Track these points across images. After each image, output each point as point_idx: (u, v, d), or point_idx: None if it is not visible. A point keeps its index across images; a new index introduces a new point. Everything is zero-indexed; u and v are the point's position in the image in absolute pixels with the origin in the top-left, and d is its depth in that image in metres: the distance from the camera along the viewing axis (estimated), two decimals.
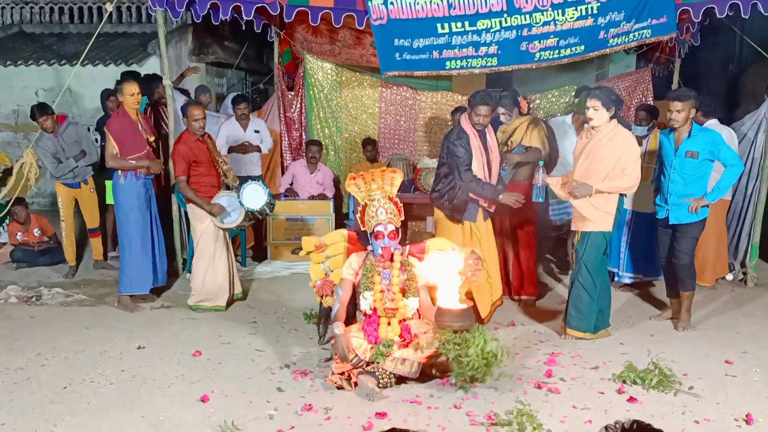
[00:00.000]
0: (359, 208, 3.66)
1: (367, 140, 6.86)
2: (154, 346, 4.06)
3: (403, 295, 3.59)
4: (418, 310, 3.72)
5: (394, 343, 3.45)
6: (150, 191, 5.00)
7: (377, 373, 3.31)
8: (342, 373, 3.39)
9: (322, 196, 6.56)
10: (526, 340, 4.21)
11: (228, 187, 4.83)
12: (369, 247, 3.66)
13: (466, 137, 4.33)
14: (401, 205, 3.65)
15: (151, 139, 5.03)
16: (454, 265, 3.49)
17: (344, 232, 3.79)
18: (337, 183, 7.06)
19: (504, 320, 4.66)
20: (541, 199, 4.23)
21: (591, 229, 4.07)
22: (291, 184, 6.76)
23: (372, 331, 3.52)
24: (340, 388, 3.36)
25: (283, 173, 7.00)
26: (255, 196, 4.61)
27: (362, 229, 3.66)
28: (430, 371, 3.42)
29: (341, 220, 6.90)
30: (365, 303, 3.58)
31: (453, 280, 3.49)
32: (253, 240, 6.75)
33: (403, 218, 3.64)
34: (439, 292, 3.52)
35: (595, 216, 4.04)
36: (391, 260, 3.61)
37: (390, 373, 3.32)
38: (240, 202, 4.63)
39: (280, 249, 6.41)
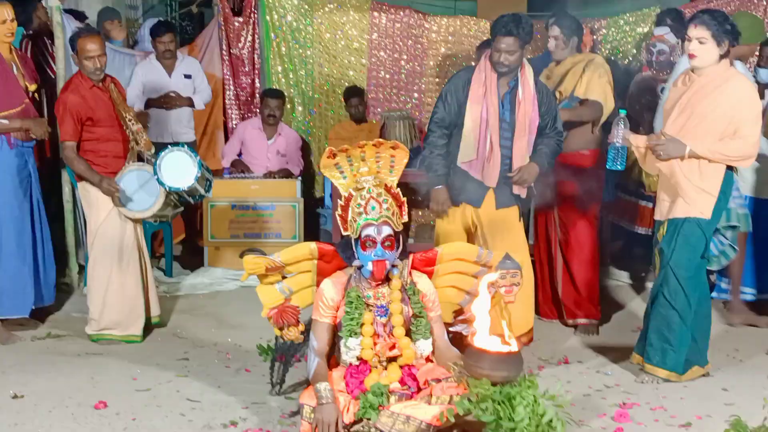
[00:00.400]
0: (341, 202, 3.58)
1: (352, 90, 6.87)
2: (38, 395, 4.02)
3: (409, 337, 3.55)
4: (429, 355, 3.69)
5: (392, 392, 3.43)
6: (30, 165, 4.96)
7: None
8: None
9: (284, 173, 6.57)
10: (584, 384, 4.21)
11: (141, 159, 4.79)
12: (354, 265, 3.58)
13: (464, 81, 4.47)
14: (404, 199, 3.58)
15: (32, 87, 4.99)
16: (487, 282, 3.46)
17: (312, 246, 3.70)
18: (306, 153, 7.07)
19: (553, 355, 4.64)
20: (619, 167, 4.22)
21: (682, 215, 4.03)
22: (239, 154, 6.77)
23: (357, 383, 3.50)
24: None
25: (227, 139, 6.99)
26: (180, 170, 4.52)
27: (344, 233, 3.60)
28: None
29: (313, 208, 6.92)
30: (349, 354, 3.53)
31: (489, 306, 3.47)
32: (183, 235, 6.77)
33: (406, 219, 3.59)
34: (475, 324, 3.48)
35: (689, 194, 4.01)
36: (386, 283, 3.56)
37: None
38: (157, 179, 4.54)
39: (222, 251, 6.42)
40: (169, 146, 4.65)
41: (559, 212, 5.11)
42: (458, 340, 3.74)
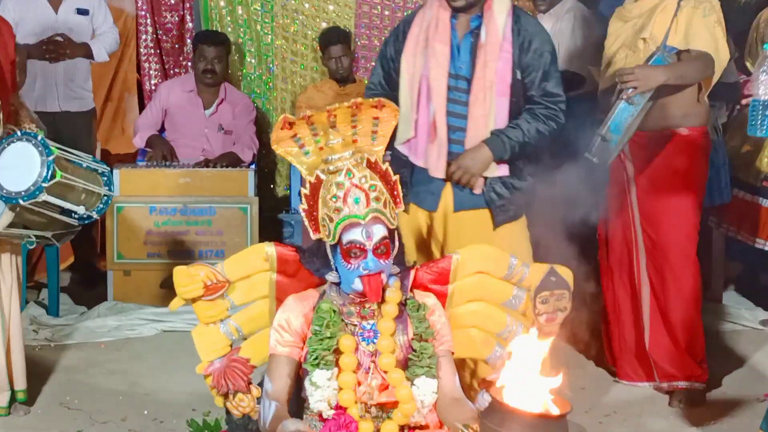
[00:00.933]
0: (305, 191, 3.57)
1: (333, 34, 6.92)
2: None
3: (407, 373, 3.55)
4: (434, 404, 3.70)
5: None
6: None
7: None
8: None
9: (230, 159, 6.67)
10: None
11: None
12: (329, 277, 3.60)
13: (404, 24, 4.65)
14: (396, 176, 3.60)
15: None
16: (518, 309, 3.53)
17: (268, 249, 3.73)
18: (263, 129, 7.18)
19: (636, 429, 4.76)
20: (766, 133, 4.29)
21: None
22: (161, 130, 6.88)
23: None
24: None
25: (142, 107, 7.11)
26: (20, 169, 4.51)
27: (313, 236, 3.62)
28: None
29: (274, 215, 6.93)
30: (317, 395, 3.49)
31: (528, 346, 3.49)
32: (71, 258, 6.88)
33: (402, 208, 3.63)
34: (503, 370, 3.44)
35: None
36: (380, 303, 3.62)
37: None
38: None
39: (134, 278, 6.50)
40: (18, 132, 4.63)
41: (643, 222, 5.16)
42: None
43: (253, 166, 6.68)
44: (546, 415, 3.31)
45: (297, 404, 3.70)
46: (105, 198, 4.79)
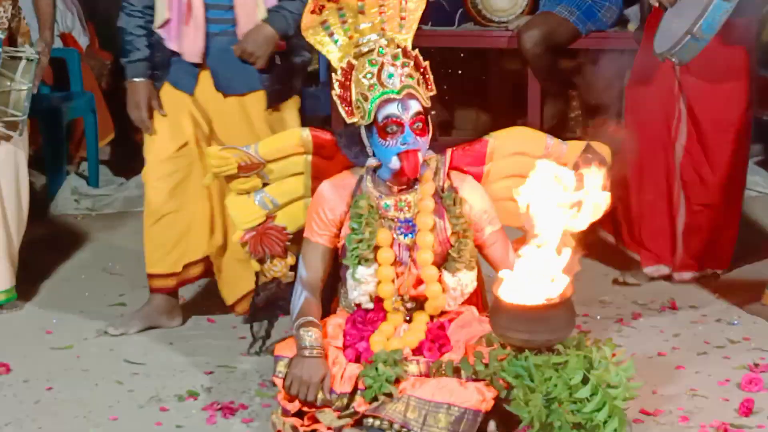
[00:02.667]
0: (337, 77, 3.55)
1: None
2: None
3: (444, 267, 3.58)
4: (477, 291, 3.72)
5: (409, 359, 3.44)
6: None
7: (385, 431, 3.33)
8: (298, 415, 3.44)
9: None
10: (700, 339, 4.26)
11: None
12: (368, 165, 3.57)
13: None
14: (426, 63, 3.54)
15: None
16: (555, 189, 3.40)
17: (303, 133, 3.71)
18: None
19: (654, 297, 4.71)
20: None
21: None
22: None
23: (358, 339, 3.52)
24: None
25: None
26: None
27: (348, 119, 3.56)
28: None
29: (304, 87, 6.83)
30: (358, 290, 3.55)
31: (552, 227, 3.43)
32: (112, 135, 6.97)
33: (434, 92, 3.56)
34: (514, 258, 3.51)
35: None
36: (413, 188, 3.56)
37: None
38: None
39: None
40: None
41: (691, 102, 4.74)
42: None
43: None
44: (546, 306, 3.35)
45: (334, 283, 3.76)
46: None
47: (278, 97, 4.29)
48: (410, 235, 3.57)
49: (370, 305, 3.59)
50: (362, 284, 3.55)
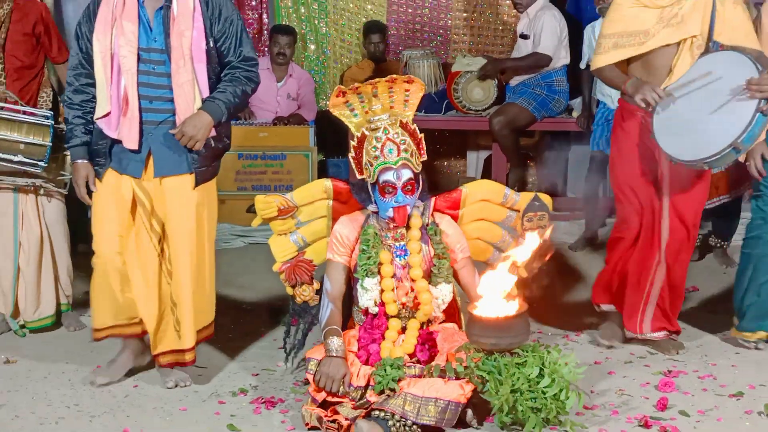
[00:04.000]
0: (353, 143, 3.61)
1: (373, 26, 6.85)
2: (31, 360, 4.13)
3: (429, 281, 3.60)
4: (453, 302, 3.74)
5: (408, 364, 3.44)
6: None
7: (389, 421, 3.30)
8: (323, 406, 3.42)
9: (296, 119, 6.57)
10: (626, 351, 4.23)
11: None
12: (370, 207, 3.65)
13: (94, 4, 3.73)
14: (422, 135, 3.60)
15: None
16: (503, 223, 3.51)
17: (327, 183, 3.75)
18: (320, 96, 7.07)
19: (594, 318, 4.67)
20: None
21: None
22: None
23: (369, 341, 3.54)
24: (314, 428, 3.41)
25: None
26: None
27: (359, 177, 3.63)
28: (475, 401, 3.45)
29: (329, 157, 6.95)
30: (366, 296, 3.58)
31: (513, 255, 3.52)
32: None
33: (425, 158, 3.60)
34: (483, 278, 3.56)
35: None
36: (407, 226, 3.61)
37: (411, 423, 3.32)
38: None
39: (228, 205, 6.39)
40: None
41: (672, 194, 4.07)
42: None
43: (312, 124, 6.60)
44: (492, 318, 3.39)
45: (349, 306, 3.76)
46: (49, 147, 4.18)
47: (204, 178, 3.77)
48: (404, 257, 3.61)
49: (375, 309, 3.61)
50: (369, 291, 3.58)
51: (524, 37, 6.16)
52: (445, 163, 7.11)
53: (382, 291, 3.58)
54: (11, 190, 4.37)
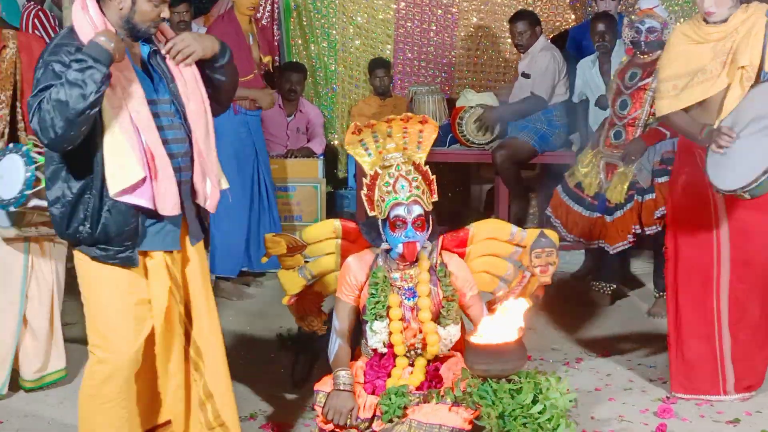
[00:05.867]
0: (366, 181, 3.58)
1: (378, 62, 6.87)
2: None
3: (438, 322, 3.56)
4: (461, 340, 3.68)
5: (412, 393, 3.43)
6: (254, 133, 5.62)
7: None
8: None
9: (305, 152, 6.60)
10: (625, 377, 4.23)
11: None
12: (380, 247, 3.58)
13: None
14: (433, 177, 3.58)
15: (266, 59, 5.54)
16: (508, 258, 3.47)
17: (336, 223, 3.73)
18: (328, 131, 7.12)
19: (593, 345, 4.67)
20: None
21: None
22: None
23: (375, 377, 3.52)
24: None
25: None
26: (10, 178, 3.66)
27: (370, 213, 3.58)
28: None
29: (337, 189, 6.96)
30: (375, 338, 3.54)
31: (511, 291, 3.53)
32: None
33: (436, 198, 3.57)
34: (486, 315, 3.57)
35: None
36: (415, 264, 3.55)
37: None
38: None
39: None
40: (9, 145, 3.77)
41: (733, 237, 3.83)
42: None
43: (321, 157, 6.61)
44: (488, 345, 3.36)
45: (356, 336, 3.71)
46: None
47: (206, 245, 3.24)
48: (413, 299, 3.55)
49: (384, 350, 3.56)
50: (377, 334, 3.52)
51: (525, 76, 6.19)
52: (449, 194, 7.12)
53: (390, 333, 3.53)
54: (22, 240, 3.98)
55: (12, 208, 3.65)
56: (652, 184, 4.94)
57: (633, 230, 4.95)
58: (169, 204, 2.93)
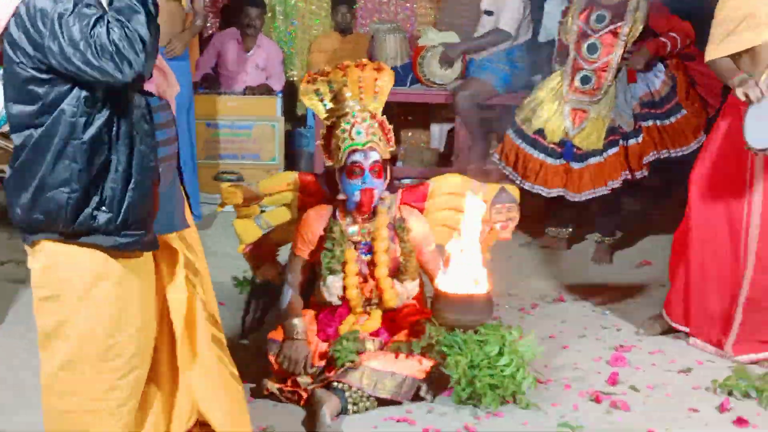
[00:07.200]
0: (323, 131, 3.54)
1: None
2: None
3: (395, 278, 3.51)
4: (420, 293, 3.69)
5: (366, 338, 3.42)
6: None
7: (346, 392, 3.27)
8: (284, 381, 3.38)
9: (263, 89, 6.44)
10: (579, 325, 4.20)
11: None
12: (339, 198, 3.50)
13: None
14: (390, 126, 3.52)
15: None
16: (474, 212, 3.42)
17: (293, 176, 3.69)
18: (287, 66, 6.94)
19: (549, 291, 4.65)
20: None
21: None
22: (214, 68, 6.60)
23: (327, 325, 3.50)
24: (275, 398, 3.37)
25: (201, 51, 6.82)
26: None
27: (327, 163, 3.53)
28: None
29: (296, 128, 6.81)
30: (328, 293, 3.50)
31: (470, 237, 3.46)
32: None
33: (393, 147, 3.53)
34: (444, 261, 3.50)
35: None
36: (372, 215, 3.50)
37: (368, 395, 3.28)
38: None
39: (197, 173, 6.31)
40: None
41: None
42: None
43: (280, 94, 6.45)
44: (457, 295, 3.36)
45: (309, 288, 3.68)
46: None
47: None
48: (369, 255, 3.51)
49: (339, 302, 3.53)
50: (330, 288, 3.49)
51: (488, 13, 6.03)
52: (410, 134, 7.00)
53: (345, 288, 3.49)
54: None
55: None
56: (636, 127, 4.83)
57: (622, 176, 4.83)
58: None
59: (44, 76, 2.29)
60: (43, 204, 2.35)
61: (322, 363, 3.38)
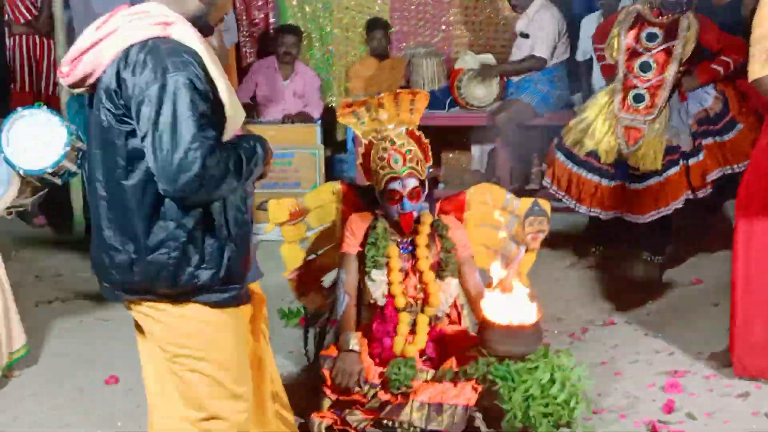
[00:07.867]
0: (361, 150, 3.57)
1: (376, 22, 6.71)
2: (45, 366, 4.06)
3: (436, 275, 3.53)
4: (455, 305, 3.67)
5: (420, 368, 3.38)
6: None
7: (397, 429, 3.22)
8: (335, 406, 3.35)
9: (303, 117, 6.43)
10: (631, 349, 4.10)
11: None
12: (379, 212, 3.60)
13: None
14: (427, 141, 3.53)
15: None
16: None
17: (336, 186, 3.73)
18: (325, 92, 6.97)
19: (598, 315, 4.56)
20: None
21: None
22: (252, 97, 6.63)
23: (383, 334, 3.49)
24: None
25: (240, 80, 6.87)
26: (39, 141, 3.45)
27: (366, 182, 3.60)
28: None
29: (335, 154, 6.81)
30: (374, 288, 3.50)
31: (512, 261, 3.44)
32: None
33: (431, 164, 3.56)
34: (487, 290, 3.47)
35: None
36: (415, 224, 3.55)
37: (420, 430, 3.22)
38: (5, 158, 3.49)
39: None
40: (18, 109, 3.55)
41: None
42: None
43: (319, 122, 6.45)
44: (505, 325, 3.30)
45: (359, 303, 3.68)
46: (80, 152, 3.51)
47: None
48: (409, 252, 3.56)
49: (383, 301, 3.54)
50: (376, 283, 3.52)
51: (524, 35, 6.01)
52: (450, 155, 6.98)
53: (390, 284, 3.51)
54: None
55: (47, 170, 3.44)
56: (695, 146, 4.73)
57: (685, 195, 4.69)
58: None
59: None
60: (143, 266, 2.28)
61: (377, 381, 3.37)
